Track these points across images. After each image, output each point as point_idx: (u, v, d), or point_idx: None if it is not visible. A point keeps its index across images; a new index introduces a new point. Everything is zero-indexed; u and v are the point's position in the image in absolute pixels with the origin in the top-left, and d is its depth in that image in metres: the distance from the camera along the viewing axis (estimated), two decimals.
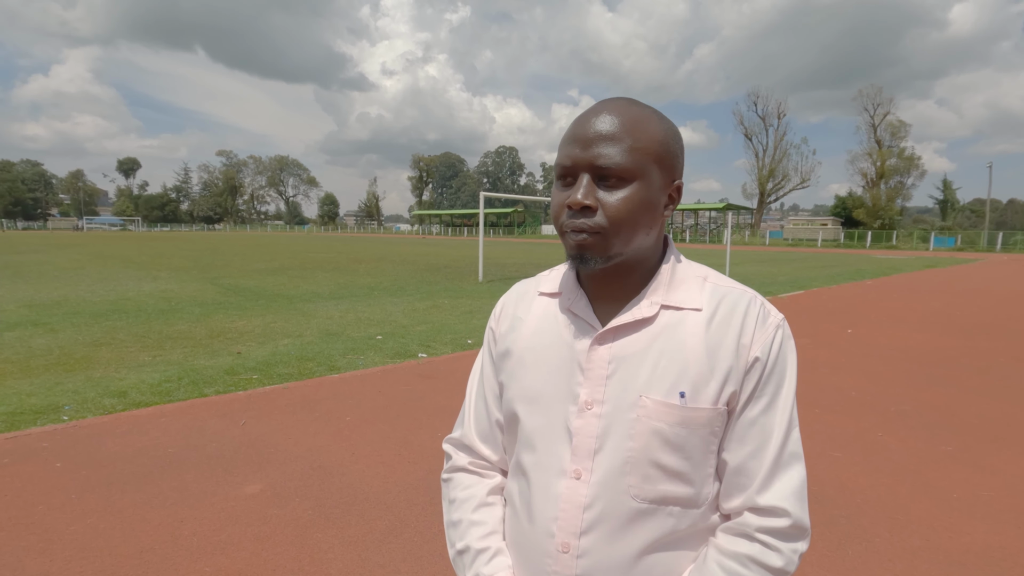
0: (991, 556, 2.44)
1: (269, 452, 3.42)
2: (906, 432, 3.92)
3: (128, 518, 2.64)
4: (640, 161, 0.74)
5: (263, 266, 17.69)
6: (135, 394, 4.48)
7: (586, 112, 0.78)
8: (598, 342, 0.80)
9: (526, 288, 0.94)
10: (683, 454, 0.77)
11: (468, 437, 0.95)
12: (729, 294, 0.81)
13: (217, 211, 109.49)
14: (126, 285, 11.94)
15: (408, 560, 2.36)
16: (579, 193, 0.74)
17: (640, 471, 0.77)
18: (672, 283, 0.82)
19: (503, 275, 15.80)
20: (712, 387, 0.76)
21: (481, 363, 0.97)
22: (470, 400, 0.97)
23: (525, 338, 0.87)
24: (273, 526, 2.60)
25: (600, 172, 0.74)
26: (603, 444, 0.78)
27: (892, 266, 22.09)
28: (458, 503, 0.92)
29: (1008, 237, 43.13)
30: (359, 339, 6.74)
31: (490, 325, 0.96)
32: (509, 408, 0.88)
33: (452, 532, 0.91)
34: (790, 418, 0.78)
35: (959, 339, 7.32)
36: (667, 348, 0.78)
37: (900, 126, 57.35)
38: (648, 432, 0.76)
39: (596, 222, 0.74)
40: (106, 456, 3.33)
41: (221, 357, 5.75)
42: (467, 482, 0.93)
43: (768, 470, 0.77)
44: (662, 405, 0.76)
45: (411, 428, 3.88)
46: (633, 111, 0.76)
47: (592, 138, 0.74)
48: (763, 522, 0.76)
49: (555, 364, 0.83)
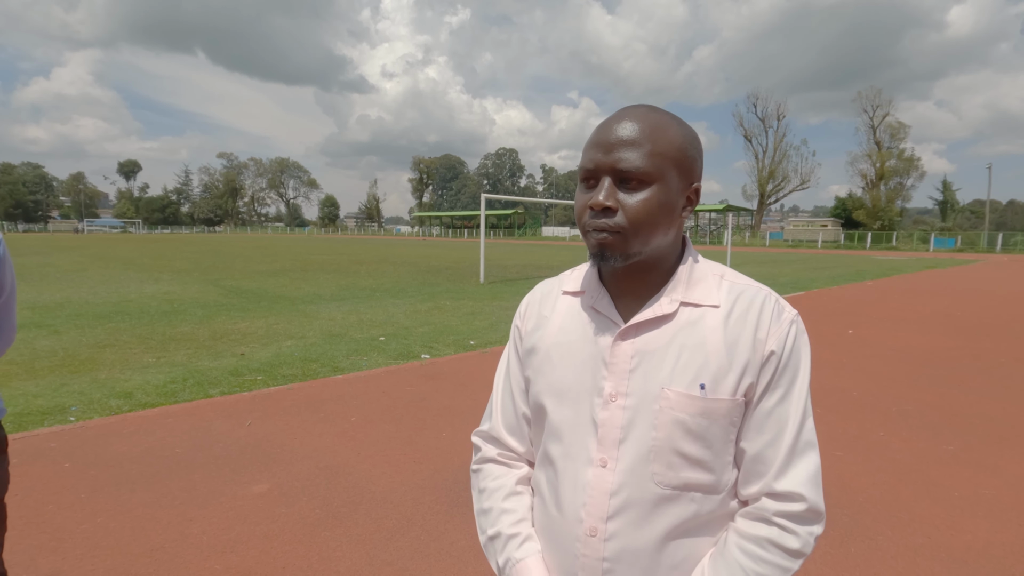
0: (993, 553, 2.46)
1: (275, 452, 3.45)
2: (908, 432, 3.95)
3: (138, 517, 2.67)
4: (659, 165, 0.78)
5: (264, 268, 17.72)
6: (141, 395, 4.51)
7: (609, 118, 0.83)
8: (621, 338, 0.84)
9: (550, 287, 0.98)
10: (704, 443, 0.81)
11: (496, 430, 0.99)
12: (745, 291, 0.85)
13: (218, 213, 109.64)
14: (128, 287, 11.97)
15: (416, 558, 2.39)
16: (601, 195, 0.78)
17: (664, 459, 0.81)
18: (690, 281, 0.85)
19: (504, 276, 15.83)
20: (731, 379, 0.80)
21: (507, 359, 1.01)
22: (497, 394, 1.01)
23: (551, 335, 0.91)
24: (281, 525, 2.62)
25: (621, 175, 0.78)
26: (628, 434, 0.82)
27: (892, 267, 22.11)
28: (488, 492, 0.96)
29: (1008, 238, 43.14)
30: (362, 340, 6.77)
31: (515, 323, 1.00)
32: (537, 402, 0.91)
33: (483, 519, 0.95)
34: (804, 408, 0.82)
35: (960, 340, 7.34)
36: (688, 343, 0.82)
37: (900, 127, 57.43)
38: (671, 422, 0.80)
39: (616, 222, 0.78)
40: (114, 456, 3.35)
41: (225, 358, 5.78)
42: (496, 472, 0.97)
43: (784, 457, 0.81)
44: (684, 396, 0.80)
45: (416, 428, 3.91)
46: (653, 117, 0.80)
47: (614, 143, 0.78)
48: (780, 506, 0.80)
49: (580, 359, 0.87)
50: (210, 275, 15.10)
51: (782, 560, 0.79)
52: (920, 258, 30.86)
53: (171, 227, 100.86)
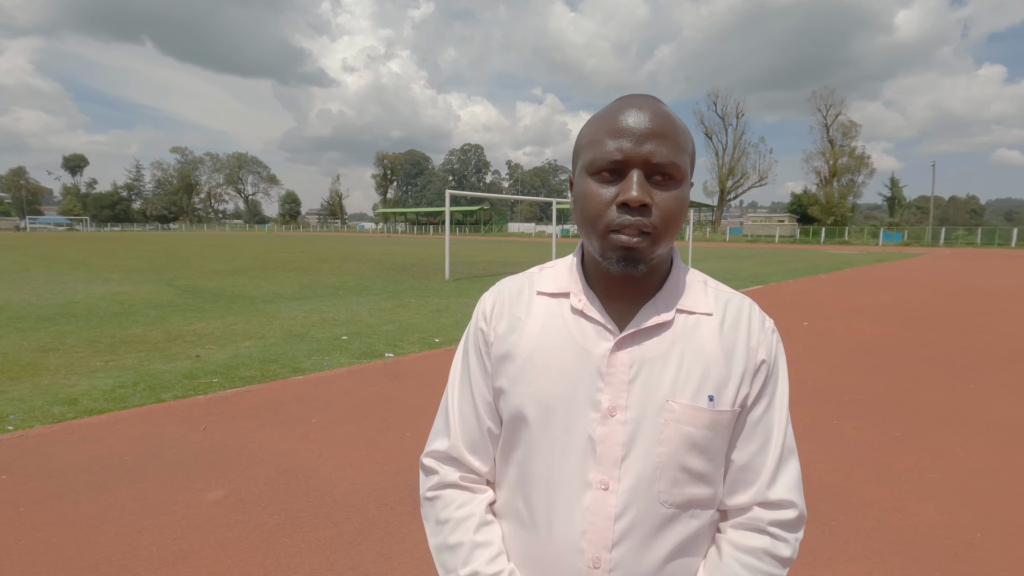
0: (938, 534, 2.57)
1: (232, 457, 3.33)
2: (860, 420, 4.10)
3: (82, 530, 2.54)
4: (684, 162, 0.74)
5: (222, 266, 17.17)
6: (87, 401, 4.30)
7: (625, 106, 0.74)
8: (618, 347, 0.77)
9: (519, 286, 0.87)
10: (708, 456, 0.77)
11: (456, 449, 0.86)
12: (731, 299, 0.83)
13: (172, 210, 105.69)
14: (75, 288, 11.41)
15: (378, 561, 2.34)
16: (637, 190, 0.70)
17: (669, 476, 0.76)
18: (681, 287, 0.82)
19: (470, 273, 15.76)
20: (731, 389, 0.78)
21: (467, 367, 0.88)
22: (453, 408, 0.88)
23: (531, 339, 0.81)
24: (237, 532, 2.53)
25: (654, 169, 0.71)
26: (630, 451, 0.76)
27: (845, 261, 22.97)
28: (453, 523, 0.83)
29: (950, 232, 45.57)
30: (324, 340, 6.63)
31: (479, 327, 0.87)
32: (516, 414, 0.81)
33: (449, 557, 0.82)
34: (786, 415, 0.82)
35: (908, 330, 7.68)
36: (687, 351, 0.77)
37: (851, 126, 59.76)
38: (678, 436, 0.75)
39: (651, 221, 0.71)
40: (57, 466, 3.18)
41: (179, 361, 5.57)
42: (460, 499, 0.85)
43: (773, 465, 0.80)
44: (691, 408, 0.76)
45: (379, 429, 3.84)
46: (668, 110, 0.75)
47: (645, 133, 0.71)
48: (774, 515, 0.78)
49: (568, 368, 0.78)
50: (164, 274, 14.54)
51: (775, 569, 0.78)
52: (870, 252, 32.18)
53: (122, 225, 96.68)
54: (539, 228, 75.69)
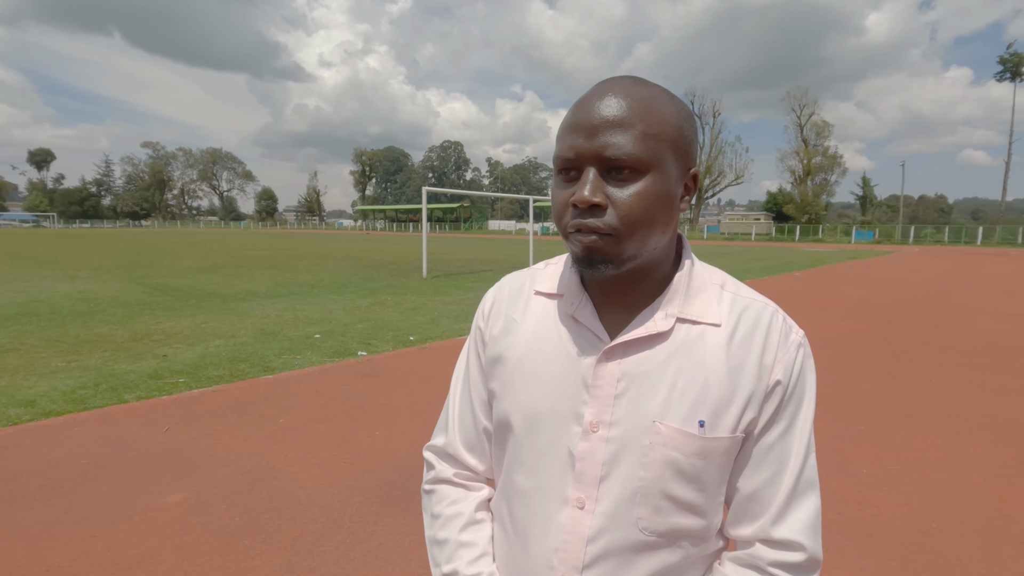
0: (895, 525, 2.63)
1: (195, 459, 3.26)
2: (826, 414, 4.17)
3: (33, 536, 2.45)
4: (654, 149, 0.65)
5: (195, 264, 16.82)
6: (45, 403, 4.17)
7: (588, 95, 0.68)
8: (606, 357, 0.71)
9: (520, 284, 0.83)
10: (698, 485, 0.70)
11: (452, 446, 0.86)
12: (750, 307, 0.73)
13: (144, 206, 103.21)
14: (39, 286, 11.07)
15: (340, 562, 2.31)
16: (586, 190, 0.64)
17: (651, 503, 0.70)
18: (688, 291, 0.73)
19: (448, 271, 15.69)
20: (732, 413, 0.69)
21: (466, 364, 0.87)
22: (453, 405, 0.87)
23: (522, 343, 0.77)
24: (196, 536, 2.48)
25: (609, 164, 0.65)
26: (610, 471, 0.70)
27: (818, 258, 23.44)
28: (443, 520, 0.83)
29: (919, 230, 46.89)
30: (296, 338, 6.53)
31: (477, 323, 0.85)
32: (503, 419, 0.78)
33: (437, 551, 0.83)
34: (808, 443, 0.73)
35: (875, 326, 7.86)
36: (685, 367, 0.70)
37: (824, 126, 60.99)
38: (662, 462, 0.69)
39: (607, 222, 0.65)
40: (9, 470, 3.08)
41: (145, 360, 5.43)
42: (453, 496, 0.84)
43: (784, 499, 0.71)
44: (679, 433, 0.68)
45: (349, 427, 3.79)
46: (642, 91, 0.67)
47: (598, 125, 0.64)
48: (777, 556, 0.71)
49: (556, 377, 0.74)
50: (133, 272, 14.19)
51: None
52: (843, 250, 32.88)
53: (91, 221, 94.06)
54: (519, 226, 75.67)
